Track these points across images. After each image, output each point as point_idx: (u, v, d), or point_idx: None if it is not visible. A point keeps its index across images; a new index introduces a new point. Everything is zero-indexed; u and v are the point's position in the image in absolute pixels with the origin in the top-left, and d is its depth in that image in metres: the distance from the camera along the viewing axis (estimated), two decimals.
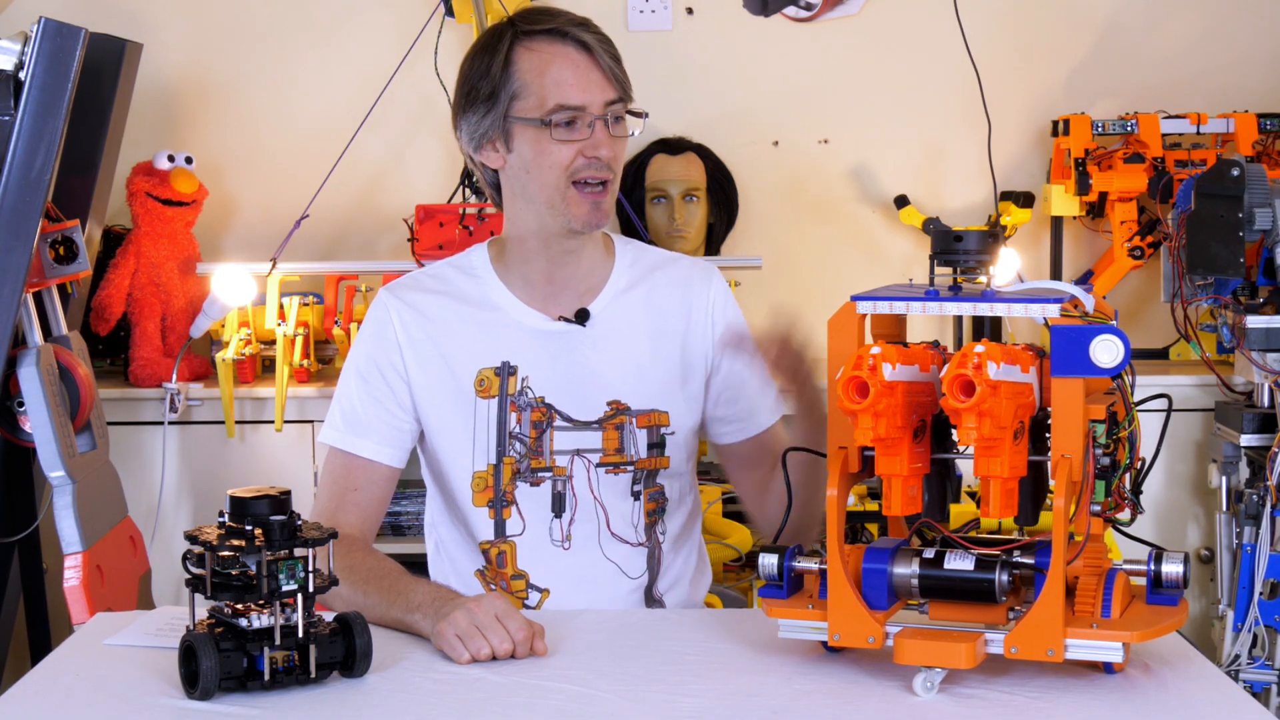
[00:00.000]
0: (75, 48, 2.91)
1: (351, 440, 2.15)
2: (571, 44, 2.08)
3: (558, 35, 2.09)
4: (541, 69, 2.08)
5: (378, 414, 2.15)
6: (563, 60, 2.08)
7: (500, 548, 2.15)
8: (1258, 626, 3.10)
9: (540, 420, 2.14)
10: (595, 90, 2.07)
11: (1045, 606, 1.61)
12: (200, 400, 3.58)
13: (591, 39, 2.08)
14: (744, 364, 2.21)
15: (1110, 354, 1.59)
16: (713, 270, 2.27)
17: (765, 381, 2.23)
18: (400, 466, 2.17)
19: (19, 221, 2.91)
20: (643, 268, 2.24)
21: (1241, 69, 3.92)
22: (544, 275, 2.18)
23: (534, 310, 2.17)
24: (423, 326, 2.17)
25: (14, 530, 3.19)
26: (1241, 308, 3.14)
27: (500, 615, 1.81)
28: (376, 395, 2.16)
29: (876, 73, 3.98)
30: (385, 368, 2.16)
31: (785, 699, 1.66)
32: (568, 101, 2.07)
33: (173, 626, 1.91)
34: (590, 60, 2.08)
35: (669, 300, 2.22)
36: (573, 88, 2.07)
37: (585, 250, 2.18)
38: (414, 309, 2.18)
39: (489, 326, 2.17)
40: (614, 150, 2.09)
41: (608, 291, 2.20)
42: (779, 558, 1.74)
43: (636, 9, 3.93)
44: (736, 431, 2.25)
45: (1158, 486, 3.55)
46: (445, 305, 2.18)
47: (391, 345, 2.17)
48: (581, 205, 2.09)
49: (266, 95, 3.98)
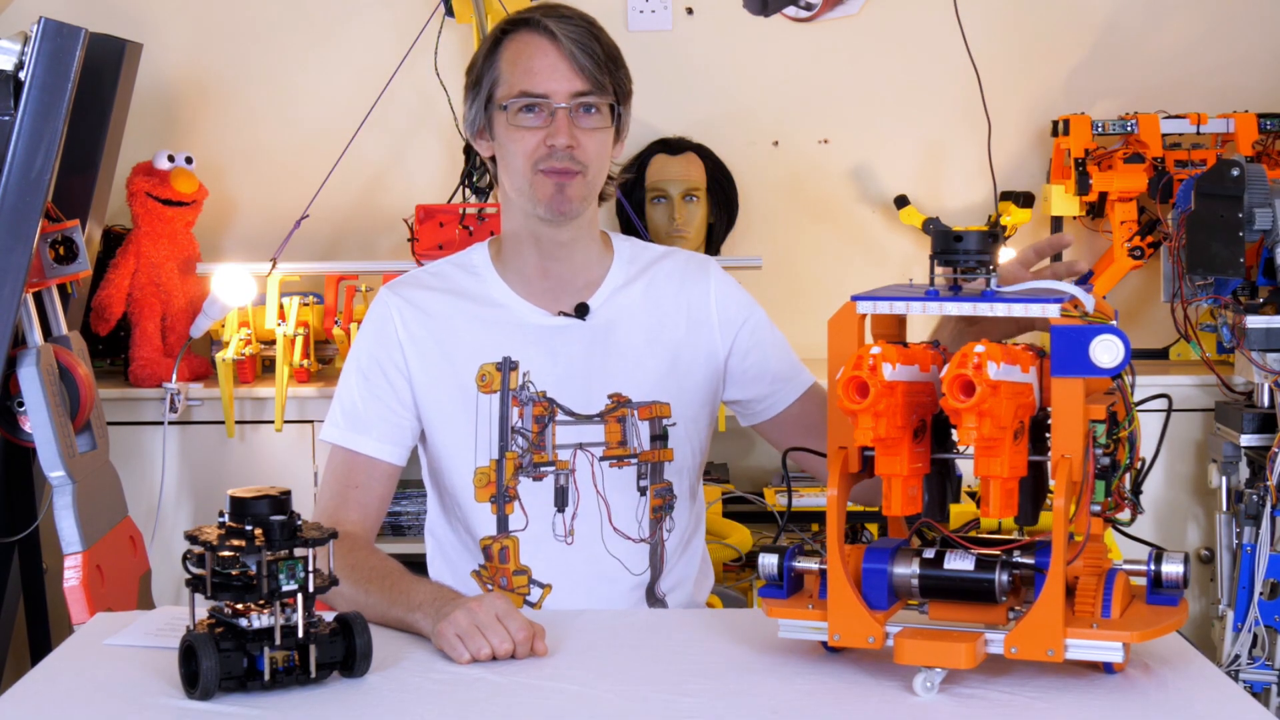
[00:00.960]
0: (75, 48, 2.91)
1: (353, 437, 2.15)
2: (543, 34, 2.11)
3: (534, 26, 2.12)
4: (514, 58, 2.12)
5: (379, 411, 2.16)
6: (533, 49, 2.11)
7: (503, 543, 2.16)
8: (1258, 626, 3.10)
9: (542, 415, 2.15)
10: (560, 80, 2.09)
11: (1045, 606, 1.61)
12: (200, 400, 3.58)
13: (562, 29, 2.10)
14: (761, 340, 2.24)
15: (1110, 354, 1.59)
16: (709, 261, 2.29)
17: (787, 352, 2.27)
18: (401, 464, 2.18)
19: (19, 221, 2.91)
20: (641, 263, 2.25)
21: (1241, 69, 3.92)
22: (538, 270, 2.19)
23: (534, 306, 2.19)
24: (424, 323, 2.17)
25: (14, 530, 3.19)
26: (1241, 308, 3.14)
27: (501, 615, 1.81)
28: (378, 392, 2.16)
29: (876, 73, 3.98)
30: (386, 365, 2.17)
31: (785, 699, 1.66)
32: (531, 89, 2.10)
33: (173, 626, 1.91)
34: (558, 50, 2.10)
35: (667, 293, 2.23)
36: (537, 76, 2.10)
37: (579, 245, 2.19)
38: (415, 306, 2.18)
39: (490, 322, 2.17)
40: (578, 141, 2.10)
41: (606, 286, 2.21)
42: (779, 558, 1.74)
43: (636, 9, 3.93)
44: (775, 404, 2.25)
45: (1158, 486, 3.55)
46: (446, 302, 2.19)
47: (393, 342, 2.17)
48: (545, 189, 2.10)
49: (266, 95, 3.98)
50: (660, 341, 2.21)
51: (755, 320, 2.26)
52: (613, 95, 2.13)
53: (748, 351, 2.24)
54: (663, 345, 2.21)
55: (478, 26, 3.74)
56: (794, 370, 2.26)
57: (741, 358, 2.24)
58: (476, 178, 3.67)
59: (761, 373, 2.24)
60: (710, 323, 2.23)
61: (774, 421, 2.27)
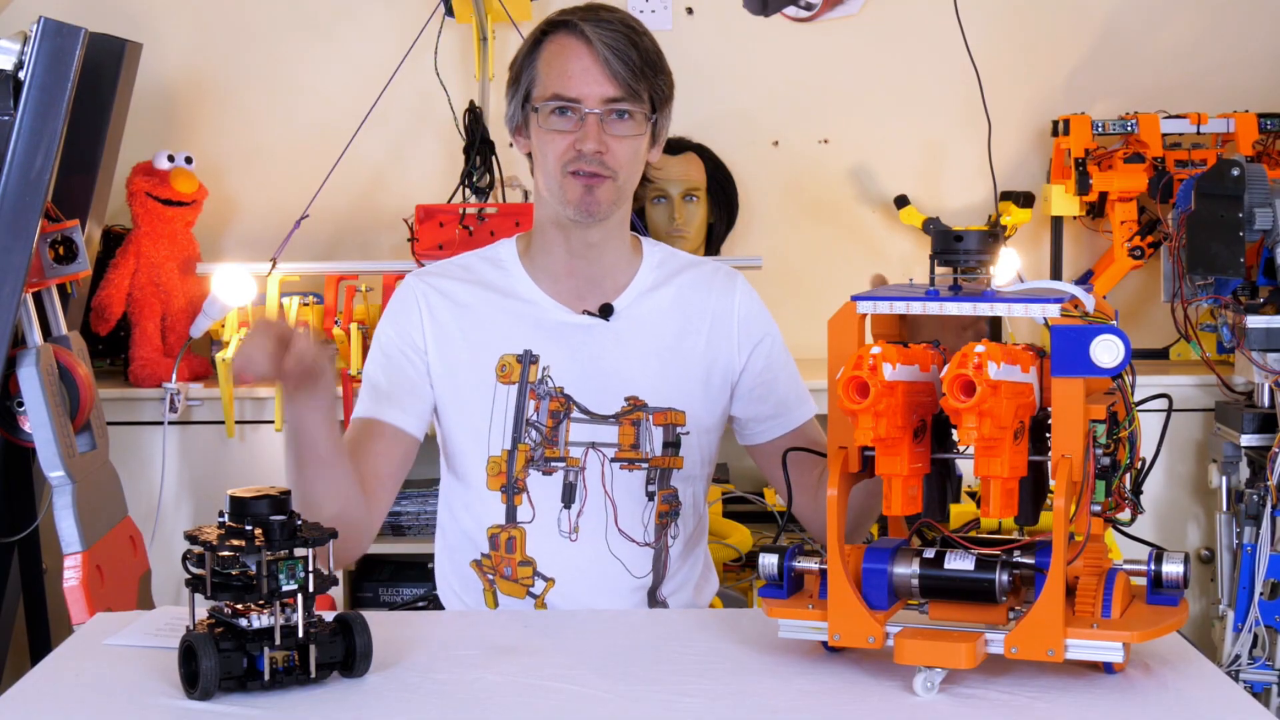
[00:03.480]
0: (75, 48, 2.91)
1: (374, 409, 2.16)
2: (579, 38, 2.10)
3: (571, 28, 2.11)
4: (551, 59, 2.12)
5: (399, 383, 2.17)
6: (569, 52, 2.11)
7: (510, 533, 2.17)
8: (1258, 626, 3.10)
9: (558, 410, 2.16)
10: (592, 85, 2.09)
11: (1045, 606, 1.61)
12: (200, 400, 3.58)
13: (599, 34, 2.09)
14: (774, 361, 2.25)
15: (1110, 354, 1.59)
16: (736, 275, 2.29)
17: (795, 379, 2.26)
18: (419, 438, 2.18)
19: (19, 221, 2.91)
20: (669, 269, 2.25)
21: (1241, 69, 3.92)
22: (565, 267, 2.19)
23: (559, 303, 2.19)
24: (449, 309, 2.19)
25: (14, 530, 3.19)
26: (1241, 308, 3.14)
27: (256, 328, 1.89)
28: (397, 367, 2.18)
29: (876, 73, 3.98)
30: (405, 344, 2.19)
31: (785, 699, 1.66)
32: (563, 93, 2.10)
33: (173, 626, 1.91)
34: (593, 55, 2.09)
35: (693, 302, 2.23)
36: (570, 80, 2.09)
37: (608, 245, 2.19)
38: (441, 293, 2.20)
39: (514, 314, 2.19)
40: (607, 147, 2.10)
41: (633, 289, 2.22)
42: (779, 558, 1.74)
43: (636, 9, 3.93)
44: (772, 429, 2.24)
45: (1158, 486, 3.55)
46: (472, 292, 2.21)
47: (414, 324, 2.19)
48: (575, 190, 2.11)
49: (266, 95, 3.98)
50: (681, 349, 2.21)
51: (772, 341, 2.26)
52: (647, 103, 2.12)
53: (760, 371, 2.24)
54: (684, 353, 2.21)
55: (478, 26, 3.74)
56: (797, 400, 2.25)
57: (752, 376, 2.24)
58: (476, 178, 3.67)
59: (766, 395, 2.24)
60: (731, 336, 2.24)
61: (762, 448, 2.27)
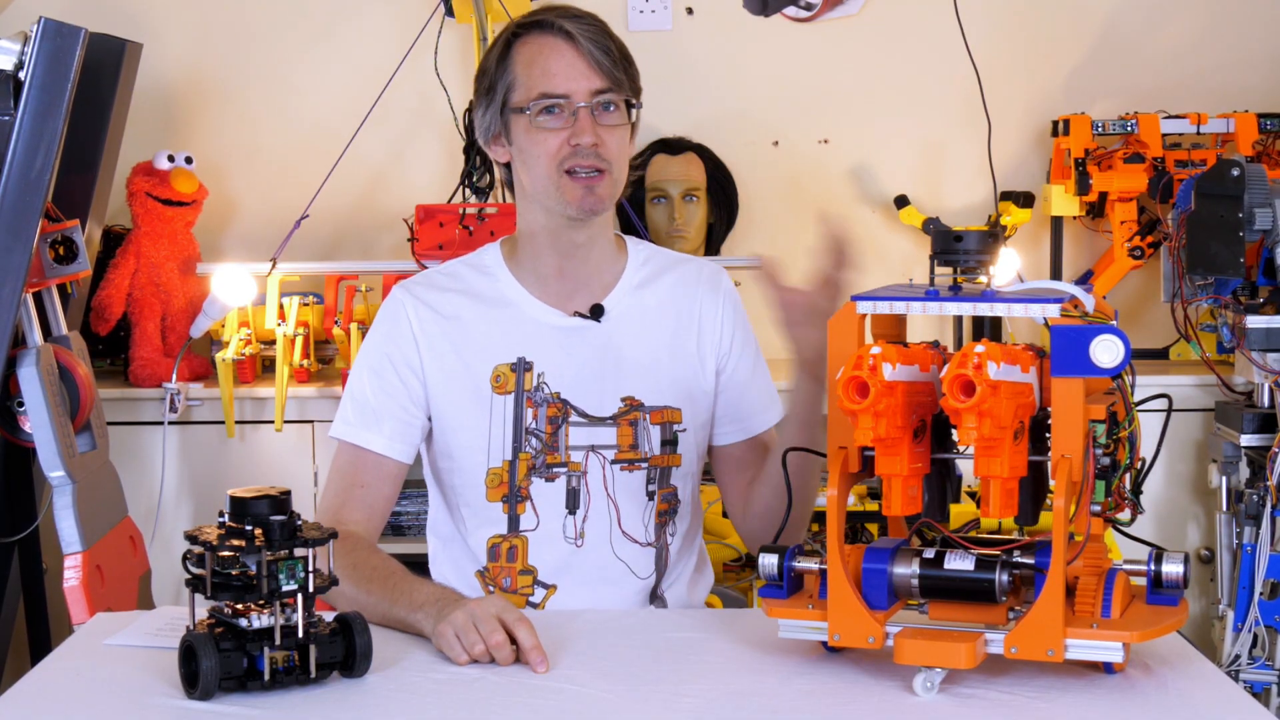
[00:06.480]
0: (75, 48, 2.91)
1: (363, 434, 2.15)
2: (558, 35, 2.10)
3: (547, 27, 2.11)
4: (530, 60, 2.11)
5: (389, 408, 2.15)
6: (549, 50, 2.10)
7: (512, 542, 2.16)
8: (1258, 626, 3.10)
9: (556, 416, 2.15)
10: (579, 79, 2.09)
11: (1045, 606, 1.61)
12: (200, 400, 3.58)
13: (578, 29, 2.09)
14: (748, 365, 2.25)
15: (1110, 354, 1.59)
16: (721, 272, 2.29)
17: (767, 384, 2.27)
18: (408, 463, 2.17)
19: (19, 221, 2.91)
20: (655, 266, 2.25)
21: (1241, 69, 3.92)
22: (555, 270, 2.19)
23: (548, 306, 2.19)
24: (438, 323, 2.17)
25: (14, 530, 3.19)
26: (1241, 308, 3.14)
27: (499, 612, 1.80)
28: (389, 389, 2.16)
29: (876, 73, 3.98)
30: (399, 362, 2.16)
31: (785, 699, 1.66)
32: (551, 90, 2.09)
33: (173, 626, 1.91)
34: (575, 50, 2.09)
35: (680, 299, 2.23)
36: (556, 76, 2.09)
37: (596, 245, 2.19)
38: (429, 306, 2.18)
39: (504, 323, 2.18)
40: (602, 139, 2.09)
41: (621, 287, 2.21)
42: (779, 558, 1.74)
43: (636, 9, 3.93)
44: (734, 432, 2.26)
45: (1158, 486, 3.55)
46: (460, 302, 2.19)
47: (407, 340, 2.17)
48: (575, 190, 2.10)
49: (266, 95, 3.98)
50: (673, 347, 2.21)
51: (748, 342, 2.27)
52: (629, 91, 2.13)
53: (733, 370, 2.25)
54: (675, 351, 2.21)
55: (478, 26, 3.74)
56: (763, 408, 2.25)
57: (728, 375, 2.25)
58: (476, 178, 3.67)
59: (737, 399, 2.24)
60: (717, 333, 2.24)
61: (717, 450, 2.27)
